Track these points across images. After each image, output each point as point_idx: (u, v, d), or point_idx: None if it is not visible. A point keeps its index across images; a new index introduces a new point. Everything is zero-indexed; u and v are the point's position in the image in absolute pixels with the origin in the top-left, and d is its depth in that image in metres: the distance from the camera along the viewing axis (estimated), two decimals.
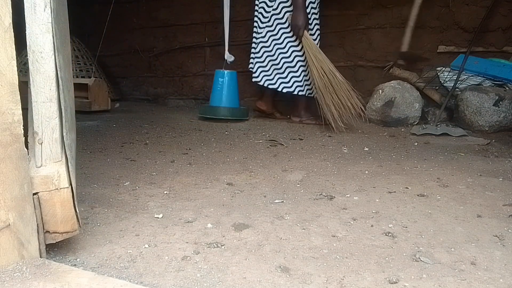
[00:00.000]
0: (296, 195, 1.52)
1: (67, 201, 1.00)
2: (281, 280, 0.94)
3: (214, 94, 3.20)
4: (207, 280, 0.94)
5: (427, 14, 3.05)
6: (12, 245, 0.92)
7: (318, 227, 1.23)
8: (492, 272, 0.99)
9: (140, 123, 2.91)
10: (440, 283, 0.94)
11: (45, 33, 0.95)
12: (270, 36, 3.00)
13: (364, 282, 0.94)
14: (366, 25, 3.24)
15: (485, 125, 2.61)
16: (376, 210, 1.37)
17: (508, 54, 2.90)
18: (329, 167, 1.90)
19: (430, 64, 3.04)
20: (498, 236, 1.18)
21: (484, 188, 1.59)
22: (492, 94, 2.62)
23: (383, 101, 2.80)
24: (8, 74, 0.88)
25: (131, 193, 1.51)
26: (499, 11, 2.90)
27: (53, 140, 0.99)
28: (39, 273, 0.90)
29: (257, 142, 2.40)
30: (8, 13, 0.87)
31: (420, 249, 1.10)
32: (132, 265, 1.00)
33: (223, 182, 1.66)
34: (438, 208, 1.39)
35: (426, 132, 2.58)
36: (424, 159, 2.04)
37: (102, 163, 1.90)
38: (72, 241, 1.08)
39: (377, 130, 2.73)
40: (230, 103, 3.16)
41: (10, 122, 0.89)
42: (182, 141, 2.39)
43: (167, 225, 1.23)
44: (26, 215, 0.94)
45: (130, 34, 4.16)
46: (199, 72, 3.88)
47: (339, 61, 3.36)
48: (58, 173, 0.98)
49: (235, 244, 1.12)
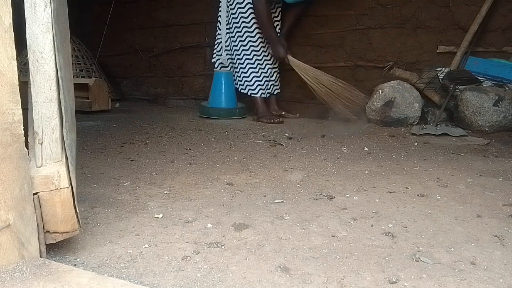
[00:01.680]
0: (296, 195, 1.52)
1: (67, 201, 1.00)
2: (281, 280, 0.95)
3: (212, 94, 3.28)
4: (207, 280, 0.94)
5: (427, 14, 3.06)
6: (12, 245, 0.92)
7: (318, 227, 1.24)
8: (492, 272, 0.99)
9: (140, 123, 2.91)
10: (440, 283, 0.94)
11: (45, 33, 0.95)
12: (240, 41, 3.14)
13: (364, 282, 0.94)
14: (366, 25, 3.24)
15: (485, 125, 2.61)
16: (376, 210, 1.37)
17: (508, 54, 2.90)
18: (329, 167, 1.90)
19: (430, 64, 3.04)
20: (498, 236, 1.18)
21: (484, 188, 1.59)
22: (492, 94, 2.62)
23: (383, 101, 2.80)
24: (8, 74, 0.88)
25: (131, 193, 1.51)
26: (499, 11, 2.90)
27: (53, 140, 1.00)
28: (39, 273, 0.90)
29: (257, 142, 2.40)
30: (8, 13, 0.87)
31: (420, 249, 1.10)
32: (132, 265, 1.00)
33: (223, 182, 1.66)
34: (438, 208, 1.39)
35: (426, 132, 2.58)
36: (424, 159, 2.04)
37: (102, 163, 1.90)
38: (72, 241, 1.08)
39: (377, 130, 2.73)
40: (228, 103, 3.22)
41: (10, 122, 0.89)
42: (182, 141, 2.39)
43: (167, 225, 1.23)
44: (26, 215, 0.94)
45: (130, 34, 4.16)
46: (199, 72, 3.88)
47: (339, 61, 3.36)
48: (58, 173, 0.98)
49: (235, 244, 1.12)
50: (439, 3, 3.02)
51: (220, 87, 3.23)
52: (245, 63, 3.13)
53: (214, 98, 3.24)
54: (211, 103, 3.25)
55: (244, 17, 3.06)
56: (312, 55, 3.44)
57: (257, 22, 3.01)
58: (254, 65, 3.11)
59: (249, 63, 3.12)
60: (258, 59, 3.11)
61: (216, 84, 3.25)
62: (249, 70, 3.12)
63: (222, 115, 3.17)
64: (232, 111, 3.20)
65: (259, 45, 3.10)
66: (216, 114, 3.17)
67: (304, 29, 3.43)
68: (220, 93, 3.22)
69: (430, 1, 3.03)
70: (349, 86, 2.85)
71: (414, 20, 3.10)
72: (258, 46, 3.10)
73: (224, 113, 3.17)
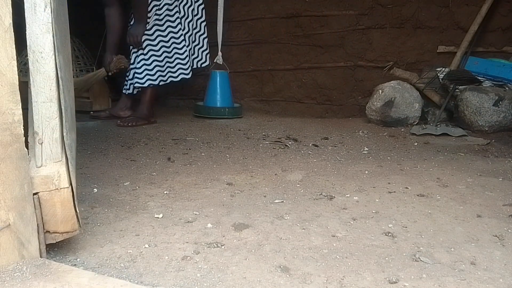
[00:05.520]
0: (296, 195, 1.52)
1: (67, 201, 1.00)
2: (281, 280, 0.95)
3: (208, 94, 3.31)
4: (207, 280, 0.94)
5: (427, 14, 3.06)
6: (12, 245, 0.92)
7: (318, 227, 1.24)
8: (492, 272, 0.99)
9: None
10: (440, 283, 0.94)
11: (45, 33, 0.95)
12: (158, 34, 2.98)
13: (364, 282, 0.94)
14: (366, 25, 3.24)
15: (485, 125, 2.61)
16: (376, 210, 1.37)
17: (508, 54, 2.90)
18: (329, 167, 1.90)
19: (430, 64, 3.04)
20: (498, 236, 1.18)
21: (484, 188, 1.59)
22: (492, 94, 2.62)
23: (383, 101, 2.80)
24: (8, 74, 0.88)
25: (131, 193, 1.51)
26: (499, 11, 2.90)
27: (53, 140, 0.99)
28: (39, 273, 0.90)
29: (257, 142, 2.40)
30: (8, 13, 0.87)
31: (420, 249, 1.10)
32: (132, 265, 1.00)
33: (223, 182, 1.66)
34: (438, 208, 1.39)
35: (426, 132, 2.58)
36: (424, 159, 2.04)
37: (102, 163, 1.90)
38: (72, 241, 1.08)
39: (377, 130, 2.73)
40: (224, 102, 3.25)
41: (10, 122, 0.89)
42: (182, 141, 2.39)
43: (167, 225, 1.23)
44: (26, 215, 0.94)
45: None
46: (199, 72, 3.87)
47: (339, 61, 3.36)
48: (58, 173, 0.98)
49: (235, 244, 1.12)
50: (439, 3, 3.02)
51: (215, 86, 3.26)
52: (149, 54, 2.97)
53: (209, 97, 3.28)
54: (207, 102, 3.28)
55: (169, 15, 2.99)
56: (312, 55, 3.44)
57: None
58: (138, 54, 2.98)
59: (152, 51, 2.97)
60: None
61: (212, 84, 3.28)
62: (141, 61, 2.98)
63: (220, 114, 3.18)
64: (228, 110, 3.22)
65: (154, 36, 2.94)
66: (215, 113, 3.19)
67: (304, 29, 3.43)
68: (215, 92, 3.25)
69: (430, 1, 3.03)
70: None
71: (414, 20, 3.10)
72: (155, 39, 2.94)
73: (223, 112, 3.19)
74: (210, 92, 3.29)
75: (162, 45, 2.96)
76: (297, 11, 3.41)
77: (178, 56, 3.05)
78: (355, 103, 3.34)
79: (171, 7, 2.97)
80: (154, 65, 2.94)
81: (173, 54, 3.03)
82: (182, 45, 3.05)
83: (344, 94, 3.38)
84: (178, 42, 3.03)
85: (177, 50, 3.04)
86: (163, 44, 2.96)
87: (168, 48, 2.99)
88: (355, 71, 3.33)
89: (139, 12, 2.89)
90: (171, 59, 3.03)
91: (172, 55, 3.03)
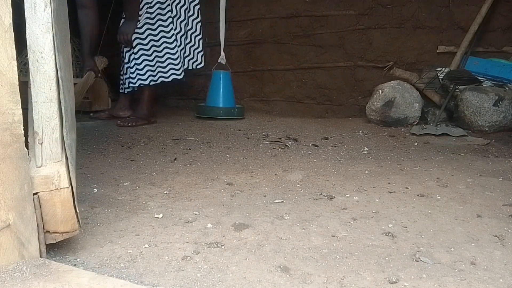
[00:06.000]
0: (296, 195, 1.52)
1: (67, 201, 1.00)
2: (281, 280, 0.95)
3: (210, 94, 3.29)
4: (207, 280, 0.94)
5: (427, 14, 3.06)
6: (12, 245, 0.92)
7: (318, 227, 1.23)
8: (492, 272, 0.99)
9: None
10: (440, 283, 0.94)
11: (45, 33, 0.95)
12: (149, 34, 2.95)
13: (364, 282, 0.94)
14: (366, 25, 3.24)
15: (485, 125, 2.61)
16: (376, 210, 1.37)
17: (508, 54, 2.90)
18: (329, 167, 1.90)
19: (430, 64, 3.04)
20: (498, 236, 1.18)
21: (484, 188, 1.59)
22: (492, 94, 2.62)
23: (383, 101, 2.80)
24: (8, 74, 0.88)
25: (131, 193, 1.51)
26: (499, 11, 2.91)
27: (53, 140, 0.99)
28: (39, 273, 0.90)
29: (257, 142, 2.40)
30: (8, 13, 0.87)
31: (420, 249, 1.10)
32: (132, 265, 1.00)
33: (223, 182, 1.66)
34: (438, 208, 1.39)
35: (426, 132, 2.58)
36: (424, 159, 2.04)
37: (102, 163, 1.90)
38: (72, 241, 1.08)
39: (377, 130, 2.73)
40: (226, 102, 3.22)
41: (10, 122, 0.89)
42: (182, 141, 2.39)
43: (167, 225, 1.23)
44: (26, 215, 0.94)
45: None
46: (199, 72, 3.88)
47: (339, 61, 3.36)
48: (58, 173, 0.98)
49: (235, 244, 1.12)
50: (439, 3, 3.02)
51: (219, 86, 3.24)
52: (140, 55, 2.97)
53: (211, 98, 3.26)
54: (209, 102, 3.26)
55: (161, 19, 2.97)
56: (312, 55, 3.44)
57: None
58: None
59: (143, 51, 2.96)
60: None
61: (214, 84, 3.26)
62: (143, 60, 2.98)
63: (220, 115, 3.17)
64: (231, 111, 3.20)
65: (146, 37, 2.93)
66: (214, 113, 3.17)
67: (304, 29, 3.43)
68: (218, 93, 3.23)
69: (430, 1, 3.03)
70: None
71: (414, 20, 3.10)
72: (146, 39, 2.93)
73: (223, 112, 3.18)
74: (213, 92, 3.26)
75: (153, 45, 2.91)
76: (297, 11, 3.42)
77: (170, 56, 2.99)
78: (355, 103, 3.34)
79: (163, 6, 2.91)
80: (144, 65, 2.90)
81: (164, 54, 2.97)
82: (174, 45, 2.99)
83: (344, 94, 3.38)
84: (170, 42, 2.97)
85: (168, 50, 2.98)
86: (154, 43, 2.91)
87: (158, 47, 2.94)
88: (355, 71, 3.33)
89: (129, 10, 2.86)
90: (162, 59, 2.97)
91: (163, 55, 2.97)
